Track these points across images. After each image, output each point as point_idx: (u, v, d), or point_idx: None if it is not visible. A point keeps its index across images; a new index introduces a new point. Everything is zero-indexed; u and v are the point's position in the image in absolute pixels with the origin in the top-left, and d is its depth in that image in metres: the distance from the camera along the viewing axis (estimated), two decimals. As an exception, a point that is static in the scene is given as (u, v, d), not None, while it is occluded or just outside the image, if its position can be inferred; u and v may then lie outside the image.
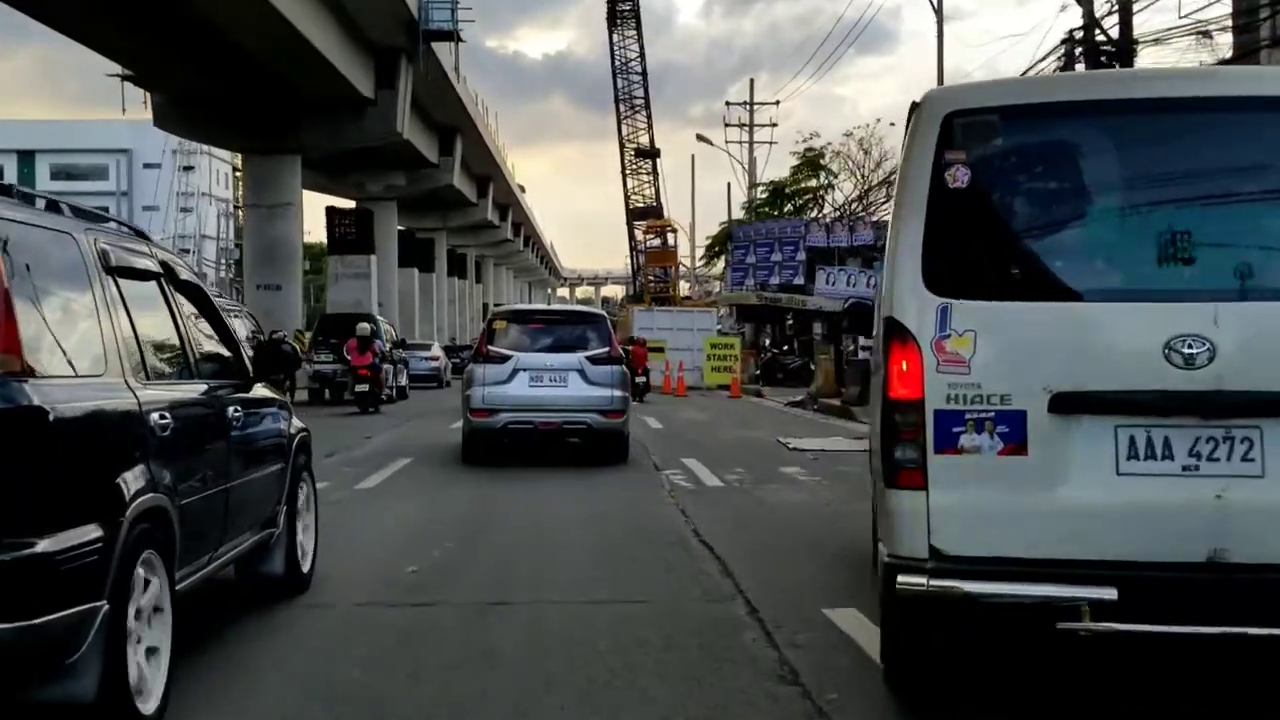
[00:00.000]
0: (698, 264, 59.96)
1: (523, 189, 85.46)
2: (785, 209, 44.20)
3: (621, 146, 56.25)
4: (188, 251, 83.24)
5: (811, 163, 43.13)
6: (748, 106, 56.84)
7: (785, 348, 34.92)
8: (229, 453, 5.32)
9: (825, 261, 39.09)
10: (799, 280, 39.86)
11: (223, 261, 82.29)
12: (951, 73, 44.10)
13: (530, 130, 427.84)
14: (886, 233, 5.07)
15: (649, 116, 55.69)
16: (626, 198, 56.24)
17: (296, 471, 6.49)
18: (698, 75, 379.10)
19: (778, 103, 54.12)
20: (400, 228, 57.99)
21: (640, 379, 28.27)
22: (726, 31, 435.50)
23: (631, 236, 56.90)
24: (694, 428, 20.21)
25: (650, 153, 55.24)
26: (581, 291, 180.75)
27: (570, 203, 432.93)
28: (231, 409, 5.41)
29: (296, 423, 6.69)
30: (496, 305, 74.49)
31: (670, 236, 51.88)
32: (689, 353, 36.35)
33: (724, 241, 47.56)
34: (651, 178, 55.98)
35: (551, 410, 13.07)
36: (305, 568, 6.65)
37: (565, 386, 13.03)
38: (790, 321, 40.06)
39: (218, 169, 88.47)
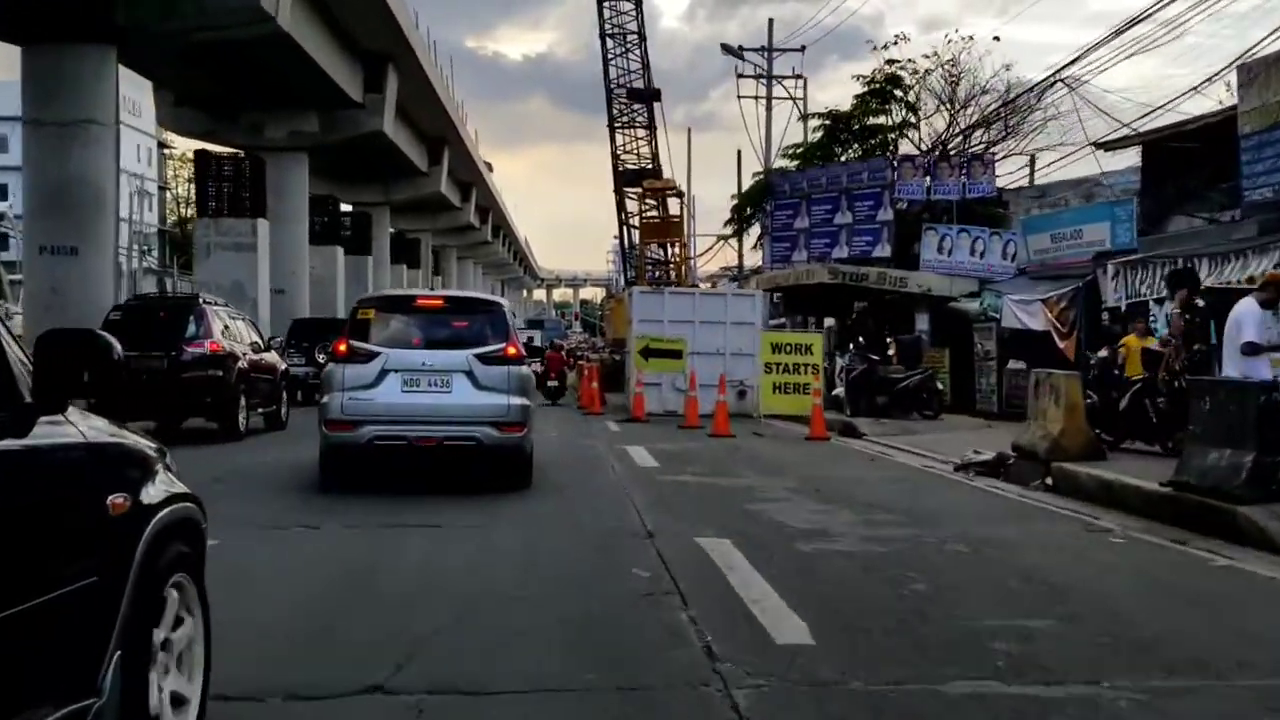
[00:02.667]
0: (714, 246, 45.16)
1: (490, 166, 70.83)
2: (846, 154, 29.65)
3: (609, 95, 41.63)
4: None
5: (889, 84, 28.51)
6: (765, 53, 42.67)
7: (889, 353, 20.44)
8: None
9: (922, 222, 24.78)
10: (880, 251, 25.55)
11: (136, 249, 67.30)
12: None
13: (510, 132, 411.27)
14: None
15: (644, 53, 40.94)
16: (615, 158, 41.56)
17: (148, 583, 3.28)
18: (680, 79, 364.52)
19: (803, 49, 39.62)
20: (322, 193, 43.53)
21: (552, 383, 27.85)
22: (710, 35, 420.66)
23: (621, 208, 42.19)
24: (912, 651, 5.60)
25: (647, 94, 40.47)
26: (559, 294, 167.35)
27: (550, 205, 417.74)
28: None
29: (165, 487, 3.52)
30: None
31: (674, 203, 37.44)
32: (719, 358, 22.12)
33: (757, 200, 33.00)
34: (649, 132, 41.33)
35: (430, 421, 10.05)
36: None
37: (448, 392, 10.17)
38: (854, 315, 25.73)
39: (139, 141, 73.65)
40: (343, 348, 10.37)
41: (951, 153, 26.16)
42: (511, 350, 10.48)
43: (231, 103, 34.70)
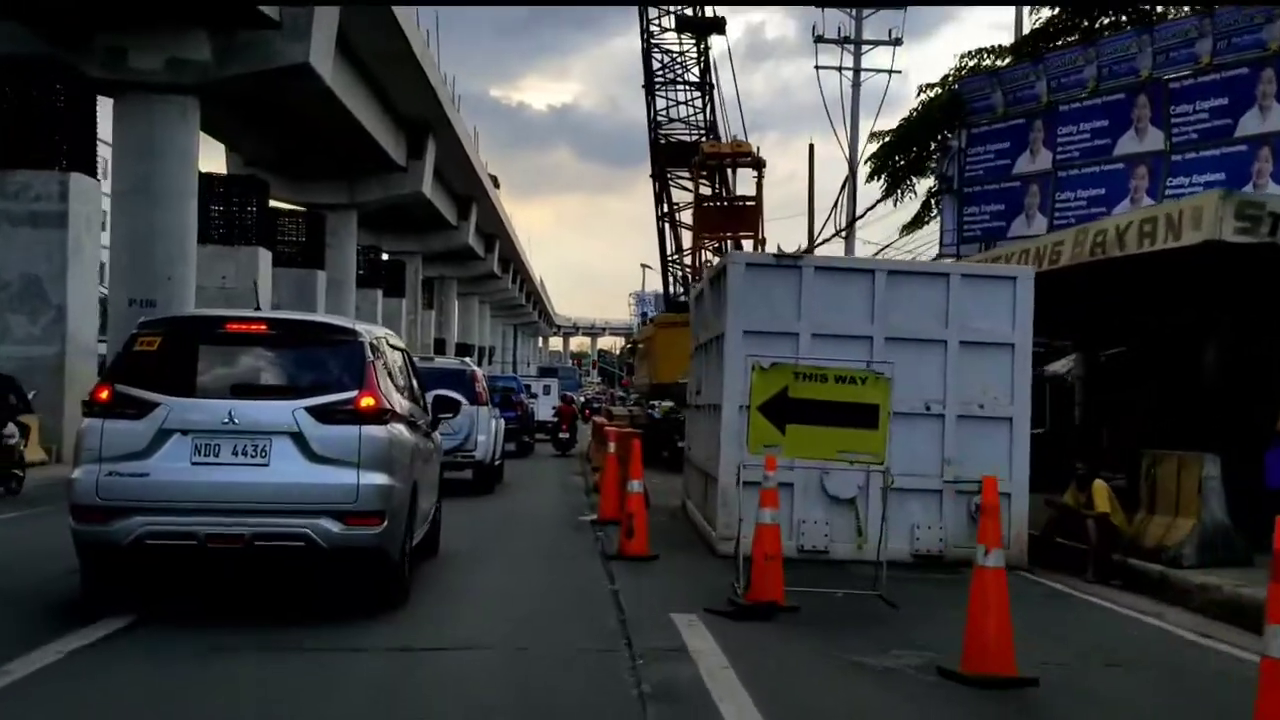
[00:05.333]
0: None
1: (496, 182, 57.46)
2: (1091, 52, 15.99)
3: (646, 43, 28.15)
4: None
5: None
6: (851, 12, 29.33)
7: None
8: None
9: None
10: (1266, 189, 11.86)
11: None
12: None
13: (533, 182, 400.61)
14: None
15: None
16: (654, 129, 27.99)
17: None
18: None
19: (903, 3, 26.18)
20: (243, 174, 30.14)
21: (563, 435, 26.25)
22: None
23: (661, 200, 28.38)
24: None
25: (703, 24, 26.53)
26: (576, 343, 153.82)
27: (570, 254, 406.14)
28: None
29: None
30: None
31: (740, 176, 23.71)
32: (933, 425, 8.57)
33: (926, 135, 18.89)
34: (704, 91, 27.70)
35: (235, 510, 6.39)
36: None
37: (264, 464, 6.51)
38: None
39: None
40: (104, 395, 6.59)
41: None
42: (368, 401, 6.61)
43: (81, 12, 21.43)
